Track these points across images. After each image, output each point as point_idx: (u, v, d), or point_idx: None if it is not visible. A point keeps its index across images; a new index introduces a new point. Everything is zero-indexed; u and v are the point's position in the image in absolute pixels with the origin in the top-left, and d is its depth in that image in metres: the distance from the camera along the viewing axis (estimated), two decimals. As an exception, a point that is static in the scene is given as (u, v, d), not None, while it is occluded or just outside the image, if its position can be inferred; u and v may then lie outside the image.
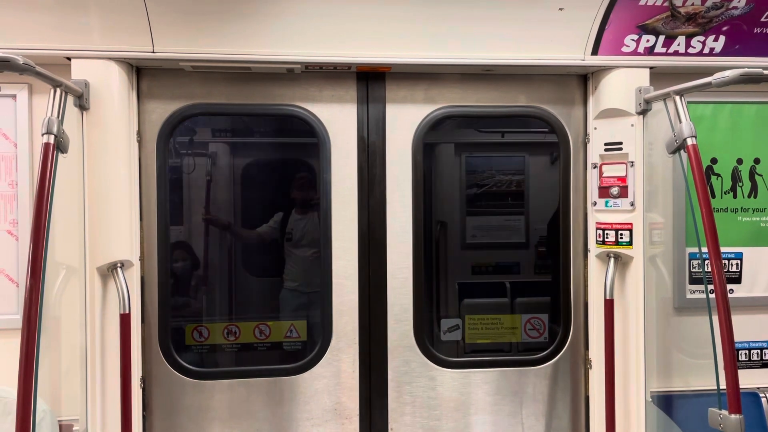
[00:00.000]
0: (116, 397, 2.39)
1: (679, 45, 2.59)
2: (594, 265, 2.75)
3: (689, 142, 2.23)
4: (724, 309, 2.08)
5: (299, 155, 3.48)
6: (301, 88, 2.71)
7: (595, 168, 2.73)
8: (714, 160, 2.88)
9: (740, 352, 2.90)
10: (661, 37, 2.57)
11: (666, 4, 2.49)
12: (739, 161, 2.89)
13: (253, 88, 2.68)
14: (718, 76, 2.08)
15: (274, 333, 2.97)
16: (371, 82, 2.74)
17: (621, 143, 2.64)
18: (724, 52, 2.61)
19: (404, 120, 2.75)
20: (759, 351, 2.93)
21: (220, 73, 2.64)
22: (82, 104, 2.35)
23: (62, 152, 2.11)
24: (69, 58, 2.38)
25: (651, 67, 2.62)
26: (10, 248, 2.54)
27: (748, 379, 2.81)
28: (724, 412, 2.11)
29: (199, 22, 2.39)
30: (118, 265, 2.42)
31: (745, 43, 2.61)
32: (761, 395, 2.88)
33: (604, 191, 2.69)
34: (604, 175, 2.70)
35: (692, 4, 2.50)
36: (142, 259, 2.60)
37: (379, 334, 2.76)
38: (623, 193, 2.63)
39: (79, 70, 2.37)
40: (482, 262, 3.78)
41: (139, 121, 2.59)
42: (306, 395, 2.73)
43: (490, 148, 3.87)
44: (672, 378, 2.86)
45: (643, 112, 2.59)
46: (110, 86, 2.42)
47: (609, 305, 2.61)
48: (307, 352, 2.82)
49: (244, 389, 2.71)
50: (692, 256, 2.86)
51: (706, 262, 2.16)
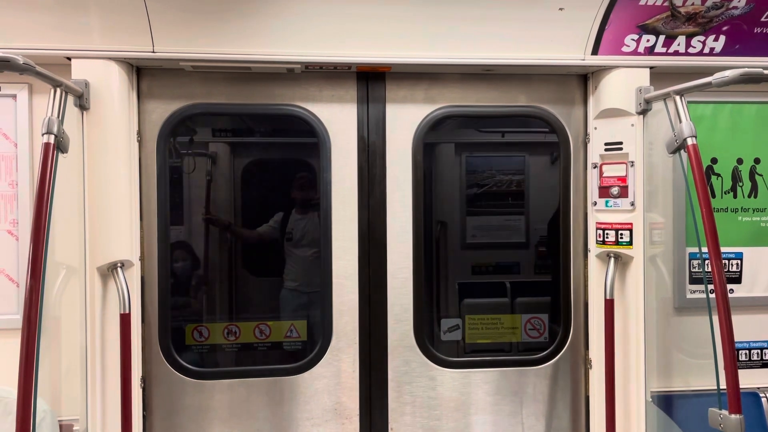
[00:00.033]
0: (116, 397, 2.39)
1: (679, 45, 2.59)
2: (594, 265, 2.75)
3: (689, 141, 2.23)
4: (724, 309, 2.08)
5: (299, 155, 3.46)
6: (301, 87, 2.71)
7: (595, 168, 2.73)
8: (714, 160, 2.88)
9: (740, 352, 2.90)
10: (662, 37, 2.57)
11: (666, 4, 2.49)
12: (740, 161, 2.89)
13: (253, 88, 2.68)
14: (718, 76, 2.08)
15: (275, 333, 2.97)
16: (371, 81, 2.74)
17: (621, 143, 2.64)
18: (725, 52, 2.61)
19: (404, 120, 2.76)
20: (759, 351, 2.93)
21: (220, 73, 2.64)
22: (82, 104, 2.35)
23: (62, 152, 2.12)
24: (69, 58, 2.38)
25: (651, 67, 2.62)
26: (10, 248, 2.54)
27: (748, 379, 2.81)
28: (724, 412, 2.11)
29: (199, 21, 2.39)
30: (118, 265, 2.42)
31: (745, 43, 2.61)
32: (761, 395, 2.88)
33: (605, 191, 2.69)
34: (605, 175, 2.70)
35: (692, 4, 2.50)
36: (142, 259, 2.60)
37: (380, 333, 2.76)
38: (623, 193, 2.63)
39: (79, 70, 2.37)
40: (482, 262, 3.77)
41: (139, 121, 2.59)
42: (306, 395, 2.74)
43: (490, 148, 3.86)
44: (672, 378, 2.86)
45: (644, 112, 2.59)
46: (110, 86, 2.42)
47: (609, 305, 2.61)
48: (307, 352, 2.82)
49: (245, 389, 2.71)
50: (692, 256, 2.86)
51: (706, 262, 2.16)
